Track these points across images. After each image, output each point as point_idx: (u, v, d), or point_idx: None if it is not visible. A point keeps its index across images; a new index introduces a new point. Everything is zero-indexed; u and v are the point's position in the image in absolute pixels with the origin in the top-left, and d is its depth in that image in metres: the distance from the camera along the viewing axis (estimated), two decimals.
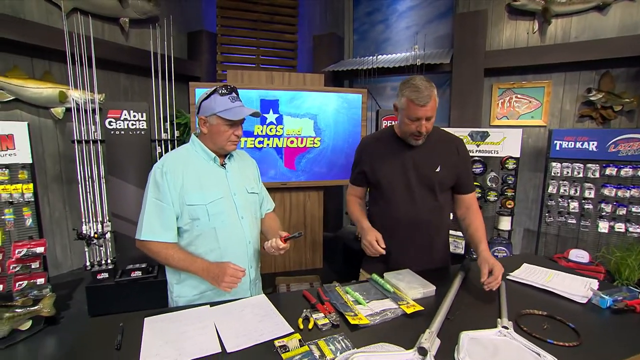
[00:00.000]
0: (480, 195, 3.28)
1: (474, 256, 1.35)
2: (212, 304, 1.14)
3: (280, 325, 1.01)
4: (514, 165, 3.17)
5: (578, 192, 3.07)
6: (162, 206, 1.17)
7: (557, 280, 1.29)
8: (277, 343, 0.92)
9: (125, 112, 2.62)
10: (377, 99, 4.54)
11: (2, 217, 2.23)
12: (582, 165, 3.05)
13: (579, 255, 3.05)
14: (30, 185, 2.29)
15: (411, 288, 1.20)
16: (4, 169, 2.24)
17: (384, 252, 1.33)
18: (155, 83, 2.94)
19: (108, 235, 2.63)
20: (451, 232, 3.39)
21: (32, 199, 2.31)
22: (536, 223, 3.43)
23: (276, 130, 2.90)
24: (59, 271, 3.24)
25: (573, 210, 3.10)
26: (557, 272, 1.37)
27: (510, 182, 3.21)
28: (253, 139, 2.87)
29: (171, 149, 3.08)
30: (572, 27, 3.40)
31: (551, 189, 3.16)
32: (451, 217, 1.63)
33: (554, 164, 3.13)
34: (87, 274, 2.66)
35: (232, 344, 0.92)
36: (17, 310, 2.32)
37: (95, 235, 2.52)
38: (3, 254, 2.28)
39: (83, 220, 2.56)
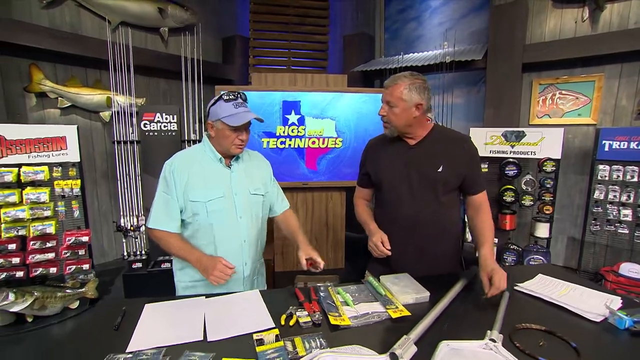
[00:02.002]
0: (514, 199, 3.05)
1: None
2: (208, 296, 1.21)
3: (263, 320, 1.04)
4: (553, 168, 2.91)
5: (632, 198, 2.74)
6: (168, 199, 1.28)
7: (572, 295, 1.18)
8: (255, 336, 0.95)
9: (158, 114, 2.84)
10: None
11: (56, 208, 2.53)
12: (637, 168, 2.71)
13: (632, 269, 2.72)
14: (78, 181, 2.57)
15: (403, 292, 1.17)
16: (58, 167, 2.54)
17: (389, 253, 1.32)
18: (185, 86, 3.14)
19: (142, 229, 2.87)
20: None
21: (80, 194, 2.60)
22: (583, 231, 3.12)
23: (298, 131, 2.96)
24: (105, 259, 3.59)
25: (625, 219, 2.78)
26: (574, 286, 1.25)
27: (548, 185, 2.95)
28: (275, 139, 2.95)
29: None
30: (632, 11, 3.04)
31: (597, 194, 2.85)
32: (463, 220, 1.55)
33: (601, 166, 2.83)
34: (125, 263, 2.93)
35: (213, 333, 0.97)
36: (67, 291, 2.61)
37: (132, 228, 2.75)
38: (56, 241, 2.58)
39: (121, 214, 2.82)
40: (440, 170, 1.35)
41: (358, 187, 1.61)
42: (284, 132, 2.94)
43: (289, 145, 2.97)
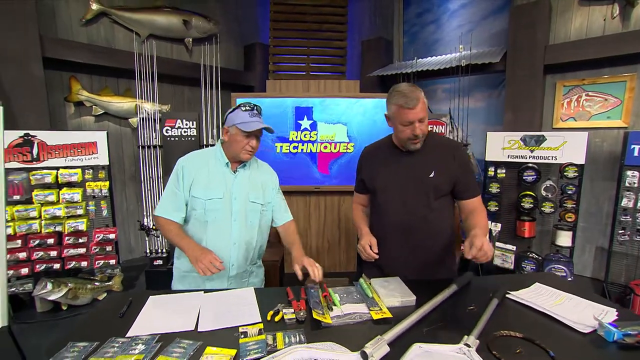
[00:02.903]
0: (533, 205, 2.94)
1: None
2: (206, 291, 1.30)
3: (252, 315, 1.11)
4: (576, 174, 2.77)
5: None
6: (175, 192, 1.41)
7: (566, 305, 1.15)
8: (241, 329, 1.03)
9: (179, 120, 3.03)
10: (427, 102, 4.37)
11: (87, 207, 2.77)
12: None
13: None
14: (107, 183, 2.80)
15: (390, 295, 1.20)
16: (89, 169, 2.78)
17: (376, 256, 1.36)
18: (205, 93, 3.32)
19: None
20: (499, 244, 3.12)
21: (108, 194, 2.82)
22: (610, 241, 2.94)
23: (310, 136, 3.03)
24: (132, 255, 3.85)
25: None
26: (570, 297, 1.21)
27: (570, 192, 2.82)
28: (288, 144, 3.04)
29: None
30: None
31: (625, 202, 2.68)
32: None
33: (629, 172, 2.66)
34: (148, 260, 3.13)
35: (204, 324, 1.06)
36: (96, 283, 2.87)
37: (154, 227, 2.94)
38: (87, 238, 2.82)
39: (145, 213, 3.03)
40: (432, 175, 1.38)
41: (355, 193, 1.66)
42: (296, 137, 3.03)
43: (302, 150, 3.06)
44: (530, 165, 2.96)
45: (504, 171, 3.08)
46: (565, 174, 2.81)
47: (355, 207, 1.64)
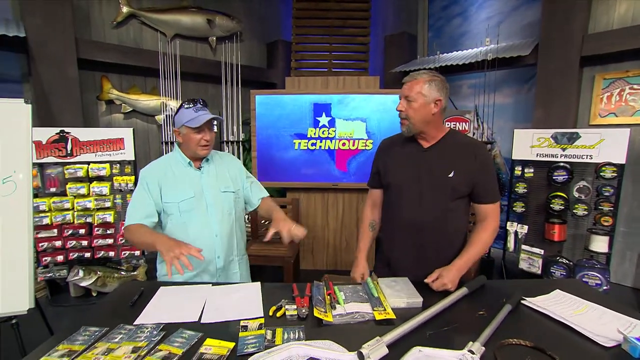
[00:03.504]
0: (563, 207, 2.75)
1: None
2: (214, 284, 1.33)
3: (255, 309, 1.12)
4: (614, 174, 2.56)
5: None
6: (142, 201, 1.40)
7: (589, 315, 1.06)
8: (242, 323, 1.04)
9: (222, 117, 3.11)
10: (452, 98, 4.22)
11: (115, 201, 2.92)
12: None
13: None
14: (132, 177, 2.94)
15: (396, 296, 1.17)
16: (116, 164, 2.93)
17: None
18: (226, 90, 3.39)
19: None
20: (525, 247, 2.96)
21: (133, 188, 2.96)
22: None
23: (328, 133, 3.01)
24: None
25: None
26: (595, 306, 1.12)
27: (607, 194, 2.61)
28: (306, 141, 3.04)
29: (238, 149, 3.50)
30: None
31: None
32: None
33: None
34: None
35: (208, 316, 1.08)
36: (122, 272, 3.02)
37: None
38: (114, 229, 2.97)
39: None
40: (451, 175, 1.32)
41: (369, 190, 1.62)
42: (314, 133, 3.02)
43: (320, 146, 3.05)
44: (562, 164, 2.77)
45: (532, 170, 2.91)
46: (601, 174, 2.60)
47: (365, 219, 1.60)
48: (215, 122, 1.47)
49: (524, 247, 2.97)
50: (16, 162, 1.45)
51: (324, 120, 2.99)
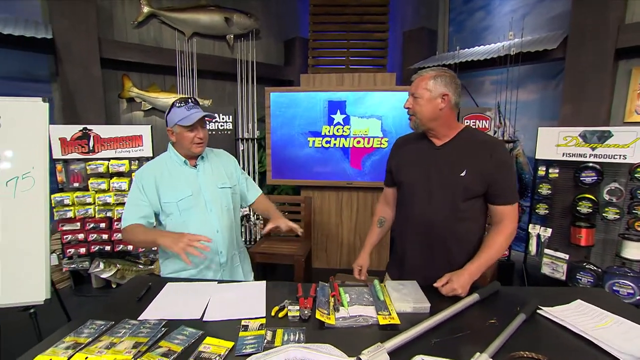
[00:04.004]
0: (591, 210, 2.59)
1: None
2: (220, 282, 1.34)
3: (257, 309, 1.11)
4: None
5: None
6: (138, 203, 1.41)
7: (613, 330, 0.98)
8: (243, 322, 1.03)
9: (216, 115, 3.14)
10: (473, 95, 4.07)
11: None
12: None
13: None
14: None
15: (402, 300, 1.12)
16: (135, 161, 3.01)
17: (364, 279, 1.50)
18: (242, 88, 3.41)
19: None
20: (548, 252, 2.81)
21: None
22: None
23: (343, 131, 2.97)
24: None
25: None
26: (621, 320, 1.03)
27: None
28: (321, 139, 3.01)
29: (252, 147, 3.51)
30: None
31: None
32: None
33: None
34: None
35: (210, 314, 1.08)
36: (140, 266, 3.12)
37: None
38: None
39: None
40: (463, 174, 1.26)
41: (384, 188, 1.60)
42: (329, 131, 2.99)
43: (334, 144, 3.01)
44: (591, 164, 2.60)
45: (557, 171, 2.75)
46: (636, 175, 2.42)
47: (376, 211, 1.63)
48: (208, 120, 1.47)
49: (546, 251, 2.82)
50: (35, 159, 1.52)
51: (338, 117, 2.95)
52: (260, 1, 4.49)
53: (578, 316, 1.06)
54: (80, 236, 2.92)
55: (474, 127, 3.12)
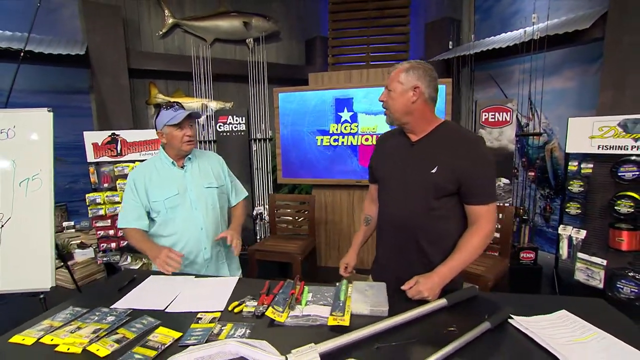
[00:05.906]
0: (632, 210, 2.27)
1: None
2: (197, 276, 1.39)
3: (217, 304, 1.14)
4: None
5: None
6: (133, 203, 1.52)
7: (590, 345, 0.85)
8: (199, 315, 1.06)
9: (230, 117, 3.26)
10: (502, 85, 3.78)
11: None
12: None
13: None
14: None
15: (360, 301, 1.08)
16: None
17: (347, 275, 1.53)
18: (260, 89, 3.51)
19: None
20: (581, 256, 2.52)
21: None
22: None
23: (351, 129, 2.92)
24: None
25: None
26: (604, 335, 0.89)
27: None
28: (328, 137, 2.99)
29: (265, 148, 3.59)
30: None
31: None
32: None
33: None
34: None
35: (173, 306, 1.13)
36: None
37: None
38: None
39: None
40: (433, 171, 1.19)
41: (369, 185, 1.56)
42: (337, 129, 2.96)
43: (342, 142, 2.97)
44: (632, 158, 2.28)
45: (590, 165, 2.45)
46: None
47: (363, 209, 1.61)
48: (195, 119, 1.55)
49: (580, 255, 2.52)
50: (42, 162, 1.71)
51: (345, 115, 2.91)
52: (282, 3, 4.57)
53: (554, 328, 0.94)
54: (111, 232, 3.19)
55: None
